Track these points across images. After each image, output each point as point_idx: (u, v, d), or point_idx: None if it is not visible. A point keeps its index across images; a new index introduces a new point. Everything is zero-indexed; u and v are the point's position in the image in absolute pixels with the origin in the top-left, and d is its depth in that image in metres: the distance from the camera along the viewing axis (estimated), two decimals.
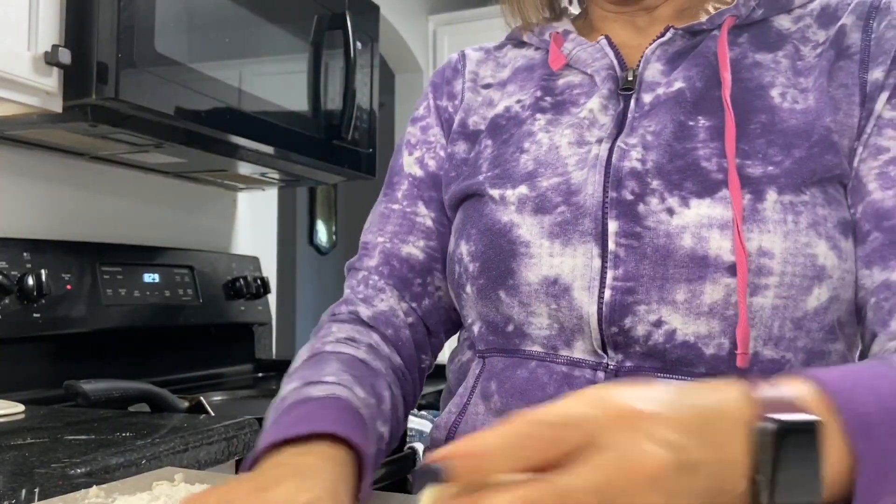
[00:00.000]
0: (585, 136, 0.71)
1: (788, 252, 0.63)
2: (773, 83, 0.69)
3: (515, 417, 0.37)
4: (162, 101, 1.29)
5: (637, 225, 0.66)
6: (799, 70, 0.70)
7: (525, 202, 0.70)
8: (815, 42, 0.71)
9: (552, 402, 0.39)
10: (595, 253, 0.67)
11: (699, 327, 0.64)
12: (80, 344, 1.53)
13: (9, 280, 1.35)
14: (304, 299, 4.28)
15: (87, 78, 1.21)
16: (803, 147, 0.65)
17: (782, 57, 0.70)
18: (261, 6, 1.52)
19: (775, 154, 0.65)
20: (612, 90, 0.73)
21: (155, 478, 0.66)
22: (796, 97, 0.68)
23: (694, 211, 0.64)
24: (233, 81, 1.45)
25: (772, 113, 0.67)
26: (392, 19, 3.10)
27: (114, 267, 1.59)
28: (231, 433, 1.08)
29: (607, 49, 0.75)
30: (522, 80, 0.80)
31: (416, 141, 0.85)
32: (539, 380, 0.69)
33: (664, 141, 0.68)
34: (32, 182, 1.54)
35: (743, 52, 0.71)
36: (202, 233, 1.97)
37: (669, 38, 0.73)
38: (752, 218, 0.63)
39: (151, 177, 1.81)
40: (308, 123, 1.65)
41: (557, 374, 0.69)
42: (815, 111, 0.67)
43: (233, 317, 1.89)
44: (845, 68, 0.68)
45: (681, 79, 0.71)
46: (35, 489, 0.73)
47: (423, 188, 0.82)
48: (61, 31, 1.22)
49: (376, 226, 0.83)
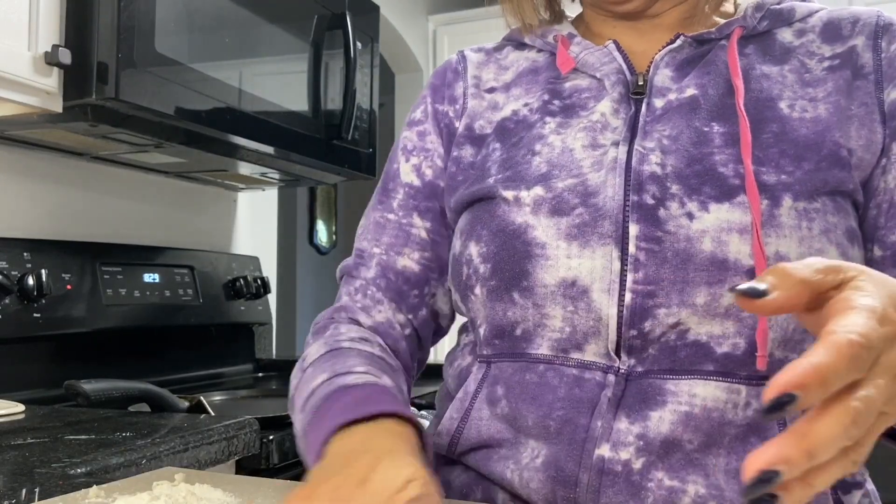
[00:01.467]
0: (599, 138, 0.72)
1: (803, 257, 0.63)
2: (780, 96, 0.71)
3: (833, 338, 0.39)
4: (162, 101, 1.29)
5: (658, 229, 0.66)
6: (807, 82, 0.71)
7: (541, 204, 0.70)
8: (822, 56, 0.73)
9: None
10: (615, 255, 0.67)
11: (713, 328, 0.65)
12: (81, 344, 1.53)
13: (9, 280, 1.35)
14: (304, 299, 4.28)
15: (87, 78, 1.21)
16: (813, 160, 0.67)
17: (788, 72, 0.72)
18: (261, 6, 1.52)
19: (787, 164, 0.67)
20: (622, 94, 0.73)
21: (155, 478, 0.66)
22: (805, 107, 0.70)
23: (713, 215, 0.65)
24: (233, 81, 1.45)
25: (782, 123, 0.69)
26: (392, 19, 3.10)
27: (114, 267, 1.59)
28: (231, 433, 1.08)
29: (616, 53, 0.76)
30: (528, 83, 0.80)
31: (412, 147, 0.84)
32: (549, 383, 0.69)
33: (682, 146, 0.69)
34: (32, 182, 1.54)
35: (751, 63, 0.73)
36: (202, 233, 1.97)
37: (678, 46, 0.74)
38: (769, 223, 0.65)
39: (151, 177, 1.81)
40: (308, 123, 1.65)
41: (568, 378, 0.68)
42: (825, 122, 0.69)
43: (233, 317, 1.89)
44: (863, 88, 0.71)
45: (693, 85, 0.72)
46: (35, 489, 0.73)
47: (419, 198, 0.83)
48: (61, 31, 1.22)
49: (372, 234, 0.84)
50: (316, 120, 1.67)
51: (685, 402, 0.65)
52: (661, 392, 0.65)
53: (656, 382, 0.66)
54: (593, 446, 0.65)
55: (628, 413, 0.65)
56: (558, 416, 0.67)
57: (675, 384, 0.65)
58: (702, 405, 0.64)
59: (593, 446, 0.65)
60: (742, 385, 0.65)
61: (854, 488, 0.69)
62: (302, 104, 1.64)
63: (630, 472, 0.64)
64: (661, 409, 0.65)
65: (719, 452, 0.65)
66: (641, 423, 0.65)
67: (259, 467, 1.16)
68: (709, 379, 0.65)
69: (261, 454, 1.16)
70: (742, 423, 0.65)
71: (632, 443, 0.65)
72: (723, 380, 0.65)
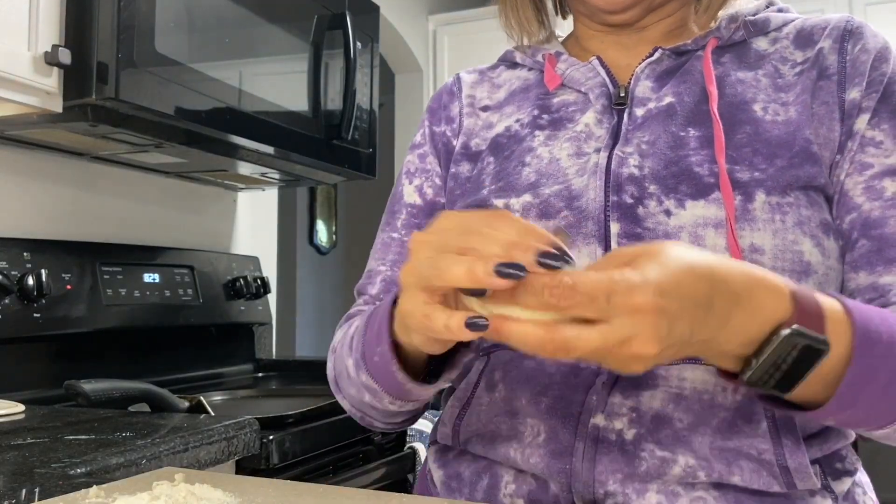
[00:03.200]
0: (583, 147, 0.76)
1: (777, 248, 0.67)
2: (755, 99, 0.74)
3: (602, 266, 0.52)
4: (162, 101, 1.29)
5: (637, 226, 0.70)
6: (779, 86, 0.75)
7: (529, 209, 0.74)
8: (794, 62, 0.76)
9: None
10: (598, 254, 0.71)
11: None
12: (81, 344, 1.53)
13: (9, 280, 1.35)
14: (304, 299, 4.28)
15: (87, 78, 1.21)
16: (785, 157, 0.70)
17: (762, 76, 0.76)
18: (261, 6, 1.52)
19: (760, 162, 0.70)
20: (605, 105, 0.78)
21: (155, 478, 0.66)
22: (777, 110, 0.73)
23: (690, 212, 0.69)
24: (233, 81, 1.45)
25: (755, 125, 0.73)
26: (392, 19, 3.10)
27: (114, 267, 1.59)
28: (231, 433, 1.08)
29: (599, 68, 0.81)
30: (519, 100, 0.85)
31: (414, 169, 0.89)
32: (545, 369, 0.72)
33: (658, 150, 0.73)
34: (32, 182, 1.54)
35: (726, 71, 0.77)
36: (202, 233, 1.97)
37: (657, 58, 0.79)
38: (743, 217, 0.68)
39: (151, 177, 1.81)
40: (308, 123, 1.65)
41: (564, 366, 0.72)
42: (795, 122, 0.72)
43: (233, 317, 1.89)
44: (825, 88, 0.74)
45: (670, 94, 0.76)
46: (35, 489, 0.73)
47: (420, 216, 0.87)
48: (61, 31, 1.22)
49: (379, 254, 0.88)
50: (316, 120, 1.67)
51: (675, 385, 0.68)
52: (653, 377, 0.69)
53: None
54: (588, 417, 0.69)
55: (622, 391, 0.69)
56: (553, 395, 0.71)
57: (665, 369, 0.69)
58: (692, 388, 0.68)
59: (588, 417, 0.69)
60: None
61: (844, 475, 0.71)
62: (302, 104, 1.64)
63: (624, 442, 0.68)
64: (653, 389, 0.68)
65: (706, 431, 0.67)
66: (634, 398, 0.68)
67: (259, 467, 1.16)
68: (697, 363, 0.68)
69: (261, 454, 1.16)
70: (731, 406, 0.68)
71: (625, 413, 0.68)
72: (711, 364, 0.66)
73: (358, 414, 0.81)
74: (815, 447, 0.69)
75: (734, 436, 0.67)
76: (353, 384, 0.75)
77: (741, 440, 0.67)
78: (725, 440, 0.67)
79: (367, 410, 0.78)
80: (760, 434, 0.66)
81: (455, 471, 0.77)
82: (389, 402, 0.73)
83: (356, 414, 0.81)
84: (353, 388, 0.76)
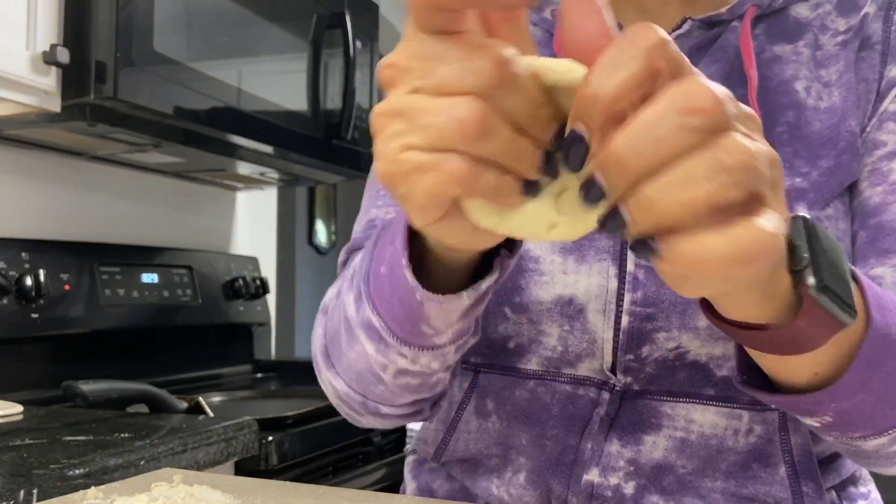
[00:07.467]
0: None
1: None
2: (796, 76, 0.65)
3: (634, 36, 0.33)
4: (160, 100, 1.28)
5: None
6: (819, 61, 0.66)
7: None
8: (835, 30, 0.66)
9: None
10: (612, 273, 0.63)
11: (714, 349, 0.62)
12: (79, 344, 1.52)
13: (7, 280, 1.35)
14: (303, 299, 4.27)
15: (85, 77, 1.21)
16: (830, 156, 0.62)
17: (803, 47, 0.66)
18: (260, 5, 1.52)
19: (802, 165, 0.62)
20: None
21: (154, 479, 0.66)
22: (820, 92, 0.64)
23: None
24: (232, 81, 1.45)
25: (797, 110, 0.64)
26: (392, 19, 3.10)
27: (112, 267, 1.59)
28: (230, 434, 1.07)
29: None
30: None
31: None
32: (541, 400, 0.66)
33: None
34: (30, 182, 1.54)
35: (760, 46, 0.66)
36: (201, 233, 1.97)
37: (687, 31, 0.66)
38: None
39: (150, 177, 1.81)
40: (307, 123, 1.65)
41: (560, 394, 0.65)
42: (840, 111, 0.63)
43: (232, 317, 1.89)
44: (867, 59, 0.65)
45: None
46: (33, 490, 0.73)
47: None
48: (60, 31, 1.22)
49: (364, 211, 0.79)
50: (315, 119, 1.67)
51: (681, 428, 0.62)
52: (657, 415, 0.63)
53: (652, 404, 0.63)
54: (581, 471, 0.63)
55: (620, 435, 0.63)
56: (552, 436, 0.65)
57: (671, 407, 0.62)
58: (699, 432, 0.62)
59: (581, 471, 0.63)
60: (744, 410, 0.62)
61: (859, 499, 0.67)
62: (301, 103, 1.64)
63: (623, 498, 0.62)
64: (656, 433, 0.62)
65: (716, 476, 0.62)
66: (634, 447, 0.62)
67: (258, 468, 1.16)
68: (708, 404, 0.62)
69: (260, 455, 1.15)
70: (743, 449, 0.62)
71: (622, 468, 0.62)
72: (724, 405, 0.62)
73: (358, 398, 0.63)
74: (832, 473, 0.64)
75: (748, 482, 0.61)
76: (352, 341, 0.59)
77: (756, 486, 0.61)
78: (739, 486, 0.61)
79: (370, 388, 0.61)
80: (778, 480, 0.61)
81: (428, 485, 0.73)
82: (398, 347, 0.55)
83: (356, 399, 0.63)
84: (352, 351, 0.59)
